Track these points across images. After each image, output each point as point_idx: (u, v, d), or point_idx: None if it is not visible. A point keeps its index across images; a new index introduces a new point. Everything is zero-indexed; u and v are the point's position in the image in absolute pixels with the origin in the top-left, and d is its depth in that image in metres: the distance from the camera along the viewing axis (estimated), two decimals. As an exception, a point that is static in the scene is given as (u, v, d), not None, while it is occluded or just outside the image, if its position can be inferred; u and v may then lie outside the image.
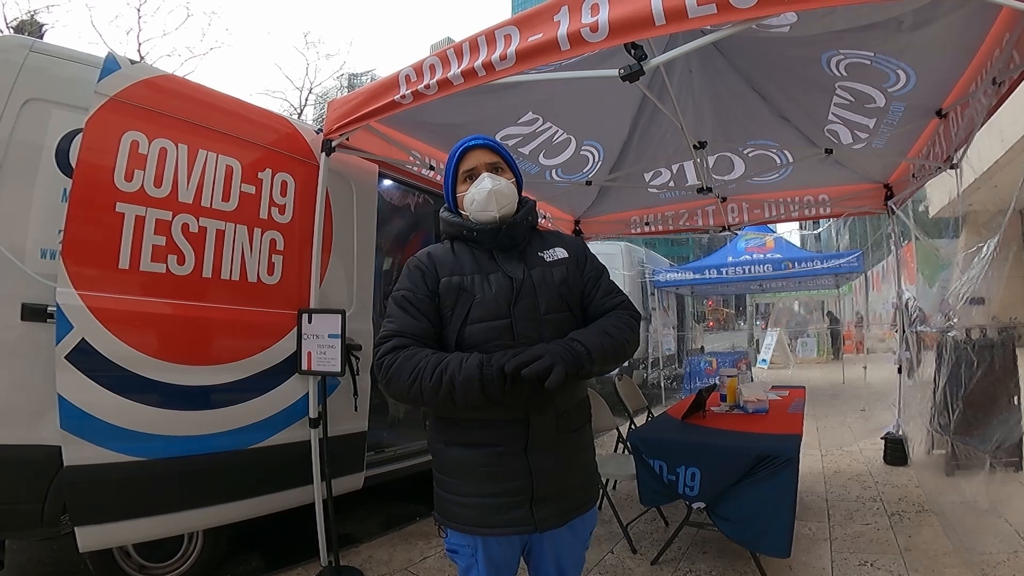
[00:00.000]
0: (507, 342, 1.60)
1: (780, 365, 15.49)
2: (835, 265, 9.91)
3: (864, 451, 5.71)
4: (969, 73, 3.11)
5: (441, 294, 1.67)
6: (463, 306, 1.65)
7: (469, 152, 1.79)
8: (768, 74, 3.64)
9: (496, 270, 1.69)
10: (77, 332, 2.46)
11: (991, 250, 3.11)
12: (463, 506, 1.66)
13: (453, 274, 1.69)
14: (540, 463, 1.62)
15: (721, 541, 3.33)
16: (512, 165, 1.83)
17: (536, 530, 1.63)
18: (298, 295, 3.22)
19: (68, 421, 2.43)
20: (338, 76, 25.48)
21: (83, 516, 2.50)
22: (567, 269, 1.75)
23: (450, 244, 1.79)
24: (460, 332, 1.64)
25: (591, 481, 1.82)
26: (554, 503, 1.65)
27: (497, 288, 1.65)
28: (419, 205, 5.48)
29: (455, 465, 1.68)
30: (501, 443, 1.62)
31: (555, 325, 1.66)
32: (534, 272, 1.70)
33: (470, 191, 1.75)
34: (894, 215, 5.34)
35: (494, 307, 1.63)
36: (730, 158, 4.73)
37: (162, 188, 2.78)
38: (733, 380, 4.12)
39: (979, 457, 3.46)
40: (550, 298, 1.68)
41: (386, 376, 1.59)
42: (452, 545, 1.72)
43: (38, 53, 2.70)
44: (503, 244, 1.73)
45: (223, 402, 2.92)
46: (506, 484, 1.62)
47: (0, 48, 2.69)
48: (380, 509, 4.49)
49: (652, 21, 1.94)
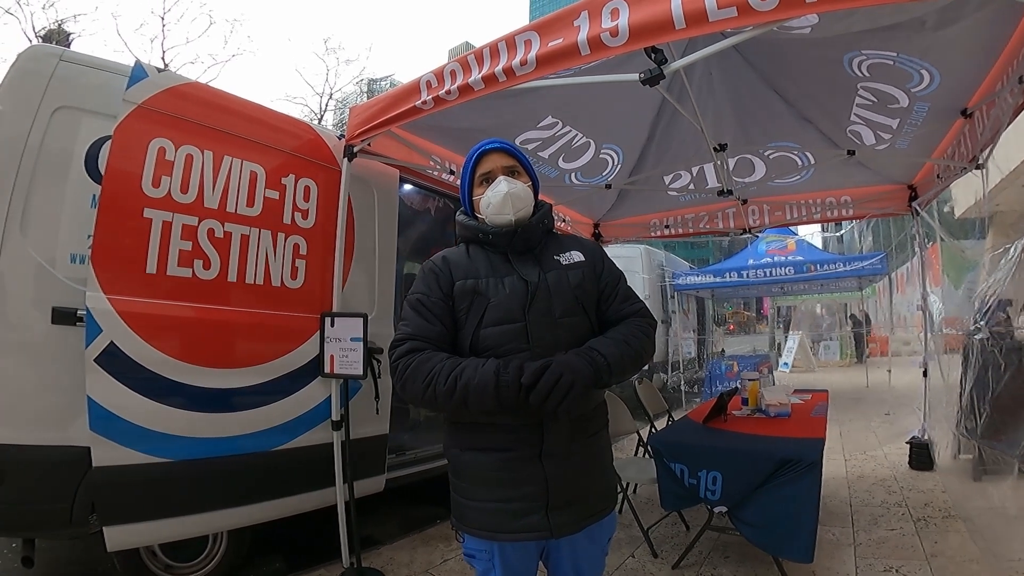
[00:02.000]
0: (522, 345, 1.60)
1: (802, 368, 15.31)
2: (858, 267, 9.76)
3: (889, 456, 5.63)
4: (994, 72, 3.06)
5: (455, 297, 1.67)
6: (477, 309, 1.65)
7: (486, 155, 1.80)
8: (789, 76, 3.60)
9: (511, 273, 1.69)
10: (106, 335, 2.51)
11: (1019, 251, 3.05)
12: (479, 511, 1.66)
13: (467, 277, 1.69)
14: (555, 469, 1.61)
15: (743, 546, 3.30)
16: (529, 169, 1.83)
17: (552, 536, 1.62)
18: (321, 299, 3.26)
19: (97, 423, 2.48)
20: (358, 82, 25.67)
21: (111, 516, 2.55)
22: (583, 273, 1.74)
23: (465, 247, 1.79)
24: (475, 335, 1.64)
25: (608, 487, 1.80)
26: (570, 509, 1.63)
27: (512, 291, 1.65)
28: (439, 209, 5.51)
29: (470, 470, 1.68)
30: (515, 448, 1.61)
31: (570, 329, 1.65)
32: (549, 275, 1.69)
33: (486, 194, 1.75)
34: (918, 216, 5.26)
35: (508, 310, 1.63)
36: (751, 160, 4.68)
37: (188, 194, 2.83)
38: (755, 384, 4.08)
39: (1007, 462, 3.37)
40: (565, 301, 1.67)
41: (401, 379, 1.60)
42: (469, 550, 1.72)
43: (67, 62, 2.76)
44: (518, 247, 1.73)
45: (247, 405, 2.95)
46: (521, 490, 1.61)
47: (30, 57, 2.74)
48: (401, 511, 4.51)
49: (672, 25, 1.93)
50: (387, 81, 26.38)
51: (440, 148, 3.99)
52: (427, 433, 4.67)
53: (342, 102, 24.08)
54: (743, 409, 3.99)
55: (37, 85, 2.65)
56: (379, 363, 3.39)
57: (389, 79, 27.09)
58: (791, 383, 5.68)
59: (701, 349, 13.51)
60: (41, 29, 15.42)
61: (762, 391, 4.05)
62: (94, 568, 3.35)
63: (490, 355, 1.59)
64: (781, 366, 15.22)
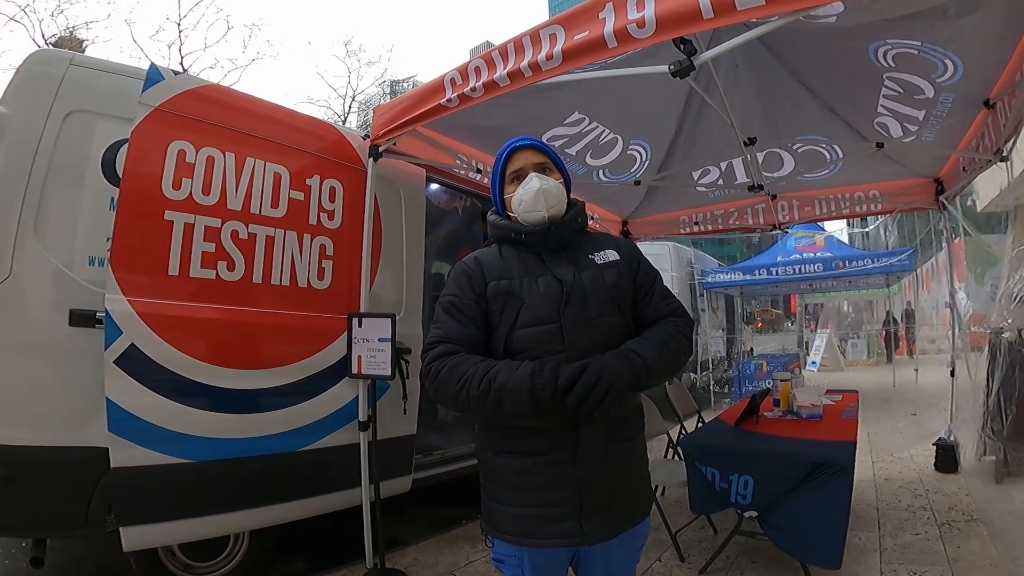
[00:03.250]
0: (557, 347, 1.56)
1: (830, 368, 15.06)
2: (886, 263, 9.55)
3: (915, 457, 5.53)
4: (1014, 61, 2.98)
5: (488, 299, 1.64)
6: (511, 311, 1.61)
7: (516, 153, 1.76)
8: (815, 67, 3.54)
9: (545, 273, 1.65)
10: (126, 337, 2.51)
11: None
12: (509, 516, 1.62)
13: (501, 278, 1.65)
14: (589, 473, 1.57)
15: (770, 551, 3.23)
16: (560, 165, 1.79)
17: (584, 543, 1.58)
18: (348, 299, 3.25)
19: (116, 424, 2.48)
20: (380, 83, 25.82)
21: (128, 516, 2.56)
22: (619, 272, 1.69)
23: (498, 248, 1.75)
24: (509, 337, 1.60)
25: (643, 493, 1.75)
26: (603, 515, 1.59)
27: (546, 291, 1.61)
28: (467, 208, 5.49)
29: (502, 474, 1.64)
30: (549, 452, 1.57)
31: (606, 329, 1.60)
32: (585, 275, 1.65)
33: (518, 192, 1.71)
34: (945, 210, 5.14)
35: (543, 311, 1.59)
36: (779, 154, 4.61)
37: (210, 196, 2.83)
38: (787, 385, 4.01)
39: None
40: (601, 301, 1.62)
41: (434, 383, 1.56)
42: (498, 555, 1.68)
43: (78, 66, 2.77)
44: (551, 246, 1.69)
45: (273, 405, 2.96)
46: (554, 495, 1.57)
47: (38, 61, 2.76)
48: (427, 511, 4.50)
49: (700, 15, 1.89)
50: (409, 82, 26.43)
51: (466, 147, 3.97)
52: (455, 433, 4.66)
53: (365, 104, 24.21)
54: (775, 410, 3.92)
55: (47, 89, 2.66)
56: (407, 363, 3.38)
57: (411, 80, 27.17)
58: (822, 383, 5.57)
59: (730, 348, 13.31)
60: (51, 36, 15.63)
61: (794, 392, 3.99)
62: (109, 567, 3.35)
63: (524, 357, 1.54)
64: (809, 365, 14.95)
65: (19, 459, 2.46)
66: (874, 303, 18.39)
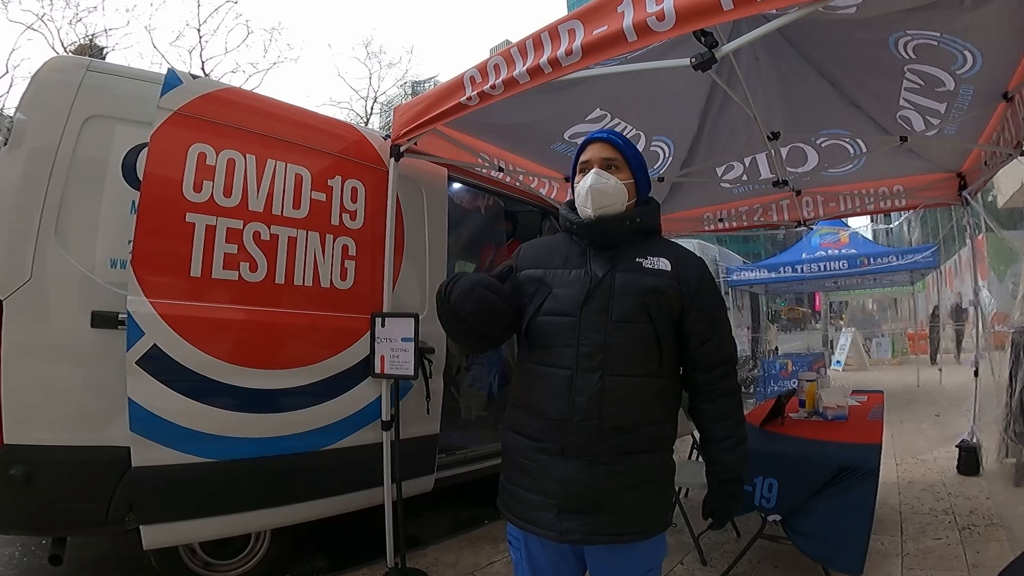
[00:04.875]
0: (569, 340, 1.60)
1: (855, 367, 14.83)
2: (911, 260, 9.41)
3: (938, 460, 5.44)
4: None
5: (521, 283, 1.73)
6: (539, 297, 1.68)
7: (589, 144, 1.80)
8: (836, 59, 3.48)
9: (582, 267, 1.67)
10: (148, 338, 2.54)
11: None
12: (511, 495, 1.72)
13: (536, 267, 1.74)
14: (576, 473, 1.58)
15: (793, 555, 3.18)
16: (633, 164, 1.77)
17: (559, 540, 1.60)
18: (371, 299, 3.25)
19: (138, 424, 2.51)
20: (401, 84, 25.93)
21: (149, 515, 2.58)
22: (664, 283, 1.65)
23: (561, 234, 1.82)
24: (531, 321, 1.67)
25: (645, 512, 1.65)
26: (583, 518, 1.58)
27: (573, 284, 1.65)
28: (489, 207, 5.48)
29: (508, 450, 1.75)
30: (542, 439, 1.63)
31: (624, 334, 1.59)
32: (619, 275, 1.64)
33: (577, 185, 1.75)
34: (968, 206, 5.03)
35: (566, 303, 1.64)
36: (803, 149, 4.53)
37: (232, 198, 2.84)
38: (812, 385, 3.94)
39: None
40: (628, 304, 1.61)
41: (446, 291, 1.73)
42: (508, 536, 1.76)
43: (95, 72, 2.78)
44: (599, 242, 1.70)
45: (296, 405, 2.97)
46: (541, 482, 1.63)
47: (55, 68, 2.78)
48: (448, 511, 4.50)
49: (720, 6, 1.84)
50: (431, 82, 26.53)
51: (488, 145, 3.96)
52: (478, 433, 4.65)
53: (387, 105, 24.35)
54: (800, 411, 3.87)
55: (64, 95, 2.67)
56: (430, 363, 3.38)
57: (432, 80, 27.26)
58: (847, 383, 5.45)
59: (755, 347, 13.14)
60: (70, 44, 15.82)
61: (819, 392, 3.92)
62: (129, 564, 3.38)
63: (542, 344, 1.65)
64: (834, 364, 14.73)
65: (40, 458, 2.49)
66: (898, 301, 18.06)
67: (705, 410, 1.73)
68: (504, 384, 5.12)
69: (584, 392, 1.57)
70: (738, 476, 1.73)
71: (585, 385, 1.57)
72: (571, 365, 1.59)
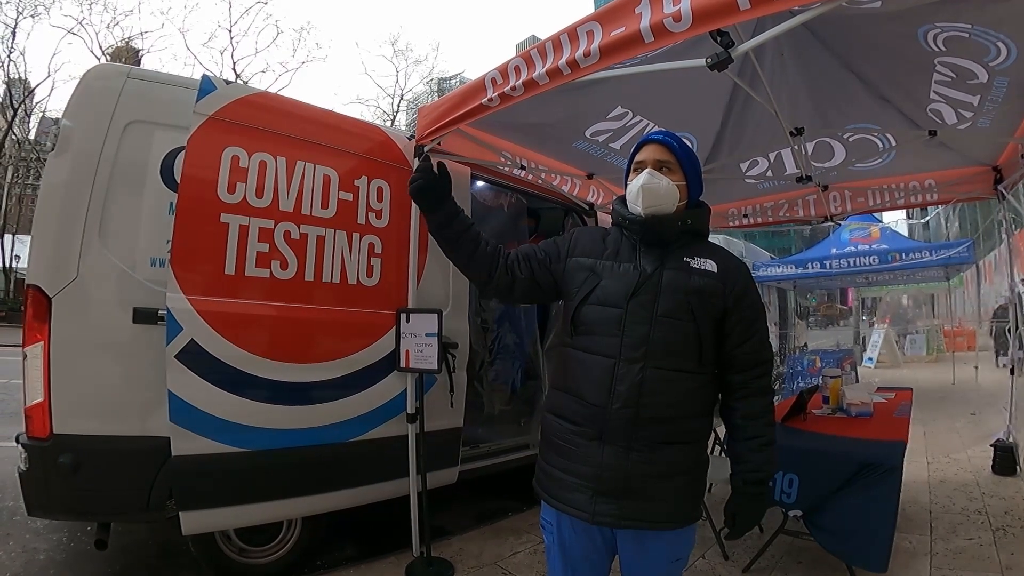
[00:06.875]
0: (614, 331, 1.65)
1: (887, 364, 14.52)
2: (944, 256, 9.14)
3: (972, 459, 5.32)
4: None
5: (569, 271, 1.79)
6: (588, 286, 1.72)
7: (645, 145, 1.84)
8: (864, 53, 3.41)
9: (631, 260, 1.72)
10: (186, 333, 2.65)
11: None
12: (548, 474, 1.77)
13: (588, 255, 1.78)
14: (610, 458, 1.63)
15: (816, 551, 3.17)
16: (687, 166, 1.81)
17: (591, 521, 1.65)
18: (396, 296, 3.34)
19: (177, 415, 2.62)
20: (427, 81, 26.04)
21: (188, 502, 2.69)
22: (709, 284, 1.69)
23: (614, 229, 1.86)
24: (578, 309, 1.72)
25: (675, 502, 1.68)
26: (616, 502, 1.63)
27: (622, 277, 1.70)
28: (512, 205, 5.53)
29: (547, 432, 1.79)
30: (583, 424, 1.68)
31: (667, 328, 1.64)
32: (667, 272, 1.69)
33: (630, 183, 1.79)
34: (1004, 200, 4.90)
35: (613, 294, 1.68)
36: (830, 144, 4.45)
37: (263, 199, 2.94)
38: (836, 381, 3.92)
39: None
40: (673, 301, 1.66)
41: None
42: (542, 519, 1.81)
43: (135, 79, 2.90)
44: (649, 239, 1.74)
45: (325, 398, 3.06)
46: (577, 465, 1.67)
47: (99, 76, 2.91)
48: (473, 503, 4.56)
49: (737, 6, 1.85)
50: (457, 79, 26.57)
51: (510, 144, 4.00)
52: (501, 426, 4.71)
53: (413, 102, 24.50)
54: (824, 408, 3.85)
55: (107, 102, 2.80)
56: (454, 357, 3.46)
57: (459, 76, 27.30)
58: (875, 380, 5.35)
59: (783, 344, 12.96)
60: (108, 47, 16.15)
61: (843, 389, 3.90)
62: (169, 550, 3.50)
63: (586, 332, 1.70)
64: (866, 361, 14.43)
65: (86, 447, 2.63)
66: (935, 297, 17.60)
67: (737, 408, 1.75)
68: (527, 380, 5.18)
69: (625, 381, 1.62)
70: (764, 478, 1.72)
71: (626, 375, 1.62)
72: (614, 354, 1.64)
